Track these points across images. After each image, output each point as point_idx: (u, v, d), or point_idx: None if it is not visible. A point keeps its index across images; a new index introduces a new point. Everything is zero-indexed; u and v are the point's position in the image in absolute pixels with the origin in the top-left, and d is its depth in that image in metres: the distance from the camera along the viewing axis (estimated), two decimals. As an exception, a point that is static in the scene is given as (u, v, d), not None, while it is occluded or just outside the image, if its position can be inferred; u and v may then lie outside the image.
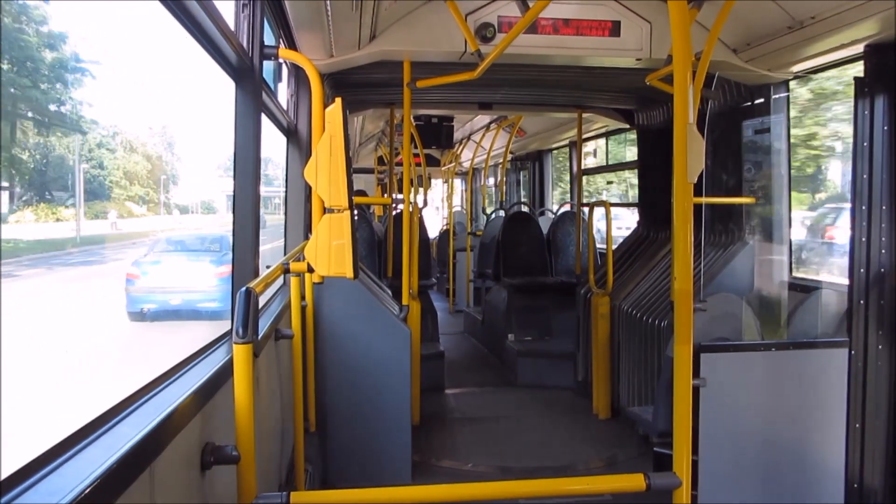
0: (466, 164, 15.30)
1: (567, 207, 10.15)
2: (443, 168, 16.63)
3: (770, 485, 4.24)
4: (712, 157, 5.78)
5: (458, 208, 16.71)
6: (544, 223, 10.23)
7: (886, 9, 3.73)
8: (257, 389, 2.22)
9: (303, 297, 4.61)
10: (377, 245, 8.88)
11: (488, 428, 6.56)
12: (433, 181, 18.67)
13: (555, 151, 12.28)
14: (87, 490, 1.32)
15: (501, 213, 11.56)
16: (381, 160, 16.59)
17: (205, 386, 2.20)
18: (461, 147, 14.27)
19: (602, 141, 10.36)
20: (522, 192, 13.39)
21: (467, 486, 2.73)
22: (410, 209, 5.90)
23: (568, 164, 11.54)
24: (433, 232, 16.80)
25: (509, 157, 13.17)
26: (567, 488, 2.90)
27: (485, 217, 12.81)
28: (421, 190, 13.26)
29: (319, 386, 4.96)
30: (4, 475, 1.30)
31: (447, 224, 13.90)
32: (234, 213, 3.28)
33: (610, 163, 10.54)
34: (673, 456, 2.45)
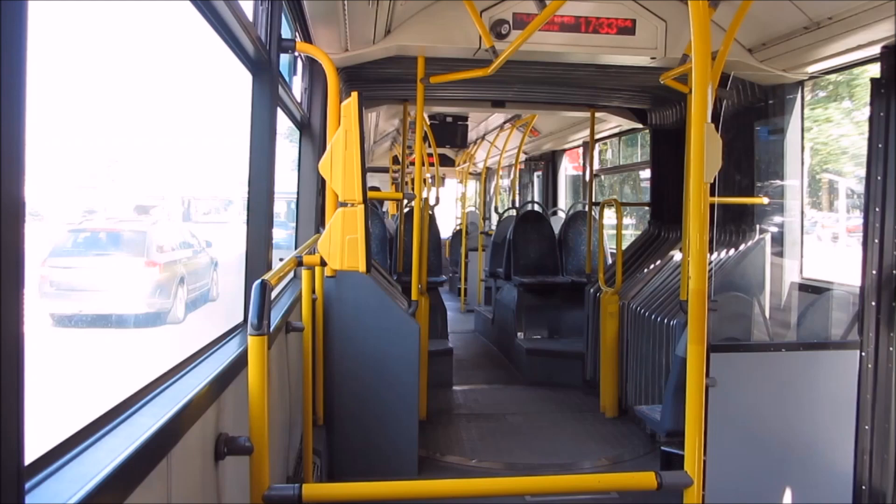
0: (481, 165, 15.28)
1: (579, 207, 10.15)
2: (457, 168, 16.64)
3: (778, 485, 4.24)
4: (725, 157, 5.76)
5: (472, 208, 16.75)
6: (556, 223, 10.24)
7: (905, 10, 3.71)
8: (269, 381, 2.24)
9: (313, 290, 4.63)
10: (388, 242, 8.90)
11: (495, 424, 6.57)
12: (447, 181, 18.70)
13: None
14: (109, 477, 1.33)
15: (513, 212, 11.56)
16: (395, 160, 16.60)
17: (219, 377, 2.21)
18: (476, 147, 14.26)
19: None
20: (536, 192, 13.38)
21: (475, 482, 2.74)
22: (422, 206, 5.90)
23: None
24: (446, 232, 16.85)
25: (523, 157, 13.16)
26: (577, 485, 2.91)
27: (497, 216, 12.82)
28: (433, 188, 13.27)
29: (328, 379, 4.97)
30: (27, 462, 1.31)
31: (460, 224, 13.91)
32: (248, 206, 3.30)
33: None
34: (684, 455, 2.45)
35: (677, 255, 6.51)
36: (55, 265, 4.55)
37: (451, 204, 19.99)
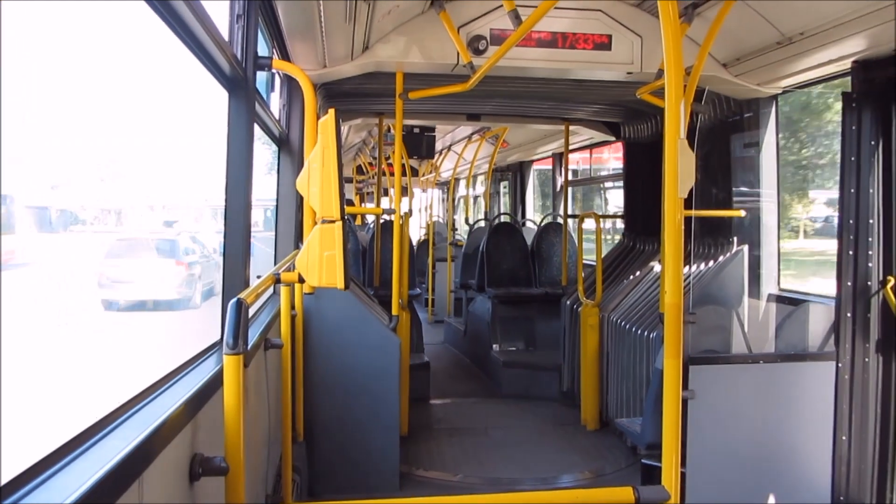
0: (445, 175, 15.26)
1: (551, 219, 10.19)
2: (421, 178, 16.63)
3: (758, 496, 4.26)
4: (702, 171, 5.82)
5: (438, 218, 16.74)
6: (527, 234, 10.27)
7: (873, 25, 3.78)
8: (246, 399, 2.21)
9: (293, 307, 4.60)
10: (362, 254, 8.85)
11: (476, 439, 6.55)
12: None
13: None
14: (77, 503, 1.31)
15: (483, 223, 11.56)
16: (359, 169, 16.57)
17: (194, 397, 2.18)
18: (441, 158, 14.27)
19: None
20: (502, 203, 13.41)
21: (457, 499, 2.73)
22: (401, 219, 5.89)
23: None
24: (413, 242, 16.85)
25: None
26: (555, 501, 2.90)
27: (467, 227, 12.79)
28: (405, 199, 13.27)
29: (308, 395, 4.94)
30: None
31: (426, 234, 13.88)
32: (225, 222, 3.28)
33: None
34: (662, 468, 2.46)
35: (657, 267, 6.55)
36: (109, 264, 6.40)
37: (415, 213, 20.01)
